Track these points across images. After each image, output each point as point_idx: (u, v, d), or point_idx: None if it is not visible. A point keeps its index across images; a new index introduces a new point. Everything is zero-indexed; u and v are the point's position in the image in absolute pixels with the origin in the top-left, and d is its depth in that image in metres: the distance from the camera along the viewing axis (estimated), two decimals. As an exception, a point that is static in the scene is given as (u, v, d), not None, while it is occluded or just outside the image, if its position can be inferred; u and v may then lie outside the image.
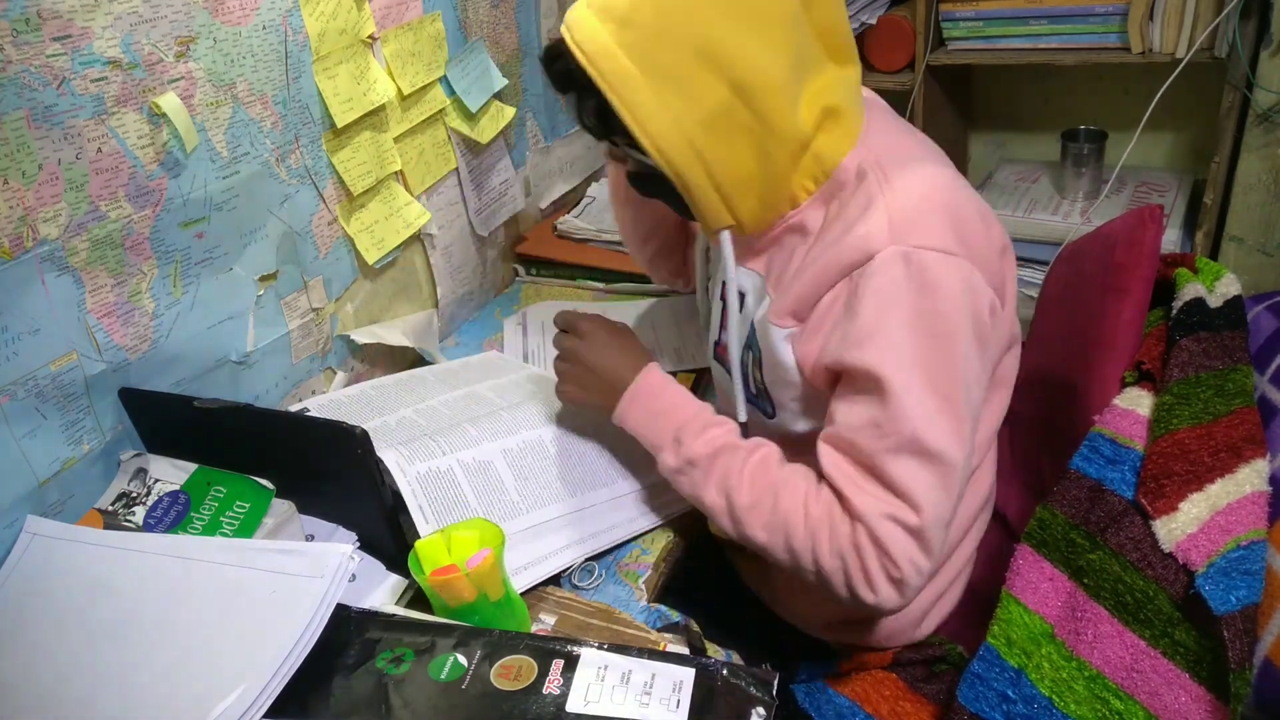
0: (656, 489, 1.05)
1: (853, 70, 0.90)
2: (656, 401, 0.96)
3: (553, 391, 1.13)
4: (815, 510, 0.85)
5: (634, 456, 1.05)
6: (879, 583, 0.82)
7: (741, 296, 0.98)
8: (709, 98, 0.82)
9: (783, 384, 0.94)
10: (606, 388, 0.99)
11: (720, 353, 1.02)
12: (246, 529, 0.89)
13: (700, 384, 1.27)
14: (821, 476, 0.86)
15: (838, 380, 0.87)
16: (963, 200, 0.85)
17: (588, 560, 0.99)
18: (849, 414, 0.84)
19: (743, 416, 0.98)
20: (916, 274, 0.80)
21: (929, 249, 0.80)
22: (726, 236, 0.91)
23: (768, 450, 0.91)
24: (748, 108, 0.82)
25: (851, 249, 0.83)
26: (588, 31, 0.83)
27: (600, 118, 0.88)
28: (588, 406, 1.02)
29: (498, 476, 1.01)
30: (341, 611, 0.79)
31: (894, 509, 0.81)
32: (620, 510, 1.04)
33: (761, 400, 0.99)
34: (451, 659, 0.75)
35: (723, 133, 0.83)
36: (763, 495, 0.88)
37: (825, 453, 0.86)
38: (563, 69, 0.87)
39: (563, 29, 0.86)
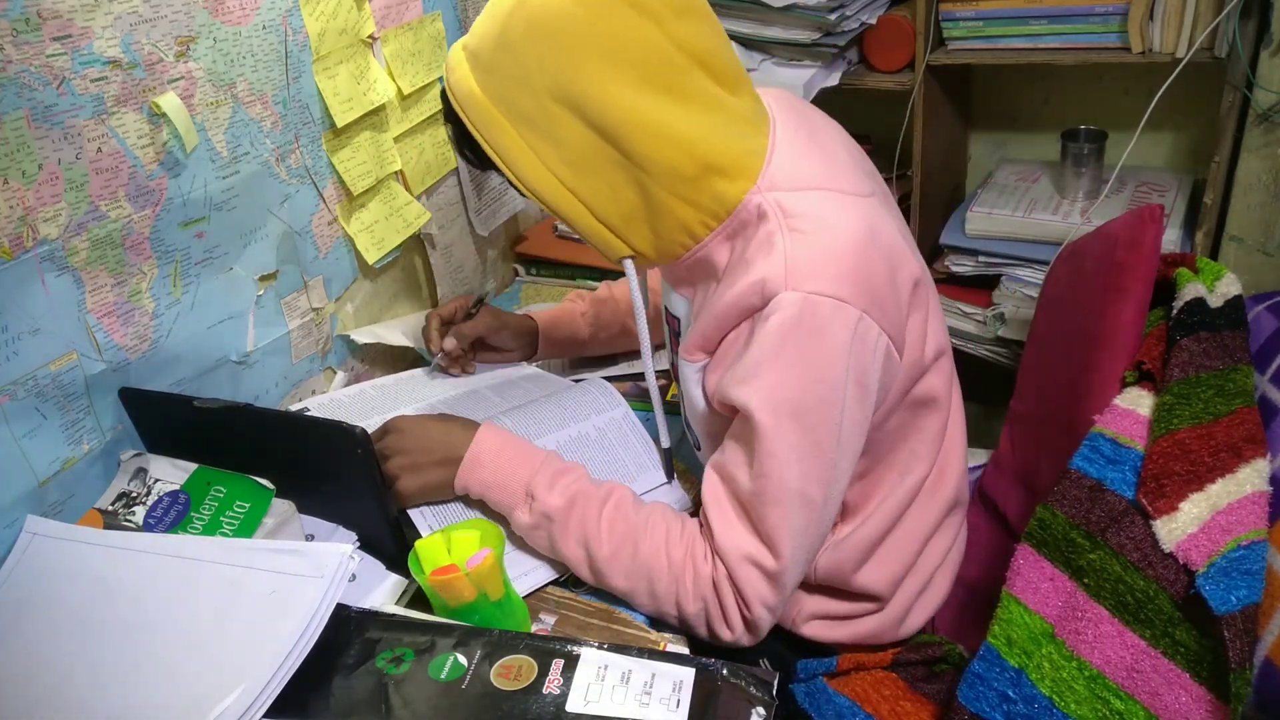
0: (656, 495, 1.04)
1: (746, 99, 0.87)
2: (500, 458, 0.94)
3: (555, 391, 1.12)
4: (676, 553, 0.89)
5: (634, 461, 1.05)
6: (734, 622, 0.87)
7: (678, 321, 0.99)
8: (572, 140, 0.83)
9: (698, 418, 0.95)
10: (440, 460, 0.95)
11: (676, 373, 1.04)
12: (246, 529, 0.89)
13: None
14: (699, 503, 0.90)
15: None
16: (865, 243, 0.83)
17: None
18: (733, 449, 0.87)
19: (665, 442, 1.01)
20: (807, 319, 0.80)
21: (823, 295, 0.80)
22: (629, 264, 0.91)
23: (621, 494, 0.93)
24: (614, 147, 0.82)
25: (750, 292, 0.83)
26: (459, 75, 0.86)
27: (476, 155, 0.89)
28: (429, 491, 0.96)
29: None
30: (341, 611, 0.79)
31: (754, 552, 0.86)
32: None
33: (691, 432, 1.01)
34: (451, 659, 0.75)
35: (593, 171, 0.84)
36: (622, 543, 0.89)
37: (709, 477, 0.90)
38: (446, 106, 0.90)
39: (445, 67, 0.88)
